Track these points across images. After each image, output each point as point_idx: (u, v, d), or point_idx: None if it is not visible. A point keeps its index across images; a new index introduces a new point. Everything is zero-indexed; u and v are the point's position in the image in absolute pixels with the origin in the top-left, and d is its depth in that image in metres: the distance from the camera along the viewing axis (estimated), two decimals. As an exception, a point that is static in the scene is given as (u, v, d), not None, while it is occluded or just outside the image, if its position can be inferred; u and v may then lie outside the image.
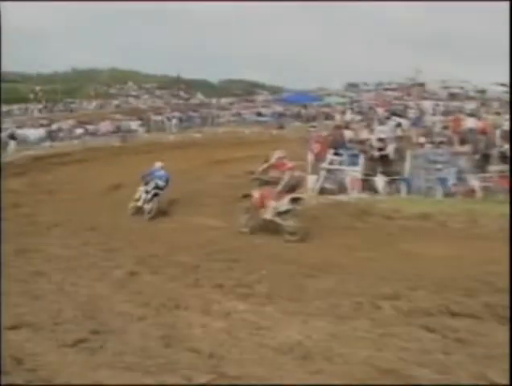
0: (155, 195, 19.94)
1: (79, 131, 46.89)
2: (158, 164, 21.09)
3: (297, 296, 9.44)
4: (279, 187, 15.59)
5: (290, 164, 16.18)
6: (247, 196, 16.42)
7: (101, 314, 8.87)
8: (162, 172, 20.68)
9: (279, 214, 15.46)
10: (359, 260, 12.30)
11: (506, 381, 5.90)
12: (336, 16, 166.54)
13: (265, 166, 16.48)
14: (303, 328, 7.84)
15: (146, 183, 20.36)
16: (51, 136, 45.38)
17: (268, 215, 15.66)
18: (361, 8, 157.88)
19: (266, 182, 16.20)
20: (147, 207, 19.73)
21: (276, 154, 16.49)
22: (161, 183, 20.27)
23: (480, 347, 6.82)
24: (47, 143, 42.68)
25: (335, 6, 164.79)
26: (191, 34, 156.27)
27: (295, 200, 15.51)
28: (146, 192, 20.03)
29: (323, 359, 6.69)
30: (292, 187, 15.77)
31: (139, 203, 20.06)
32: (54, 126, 49.16)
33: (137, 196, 20.34)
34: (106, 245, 14.38)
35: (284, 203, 15.39)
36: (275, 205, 15.51)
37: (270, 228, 15.72)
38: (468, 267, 11.09)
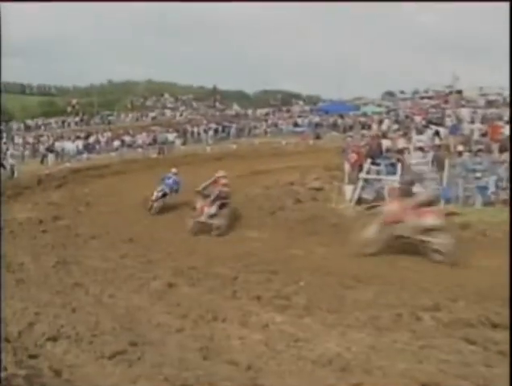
0: (164, 195, 22.32)
1: (116, 143, 47.20)
2: (172, 170, 23.45)
3: (336, 307, 9.38)
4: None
5: (224, 181, 19.10)
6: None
7: (138, 325, 8.91)
8: (170, 180, 22.77)
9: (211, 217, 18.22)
10: (399, 270, 12.22)
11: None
12: (372, 25, 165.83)
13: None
14: (341, 340, 7.80)
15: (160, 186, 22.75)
16: (88, 148, 45.76)
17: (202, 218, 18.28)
18: (397, 16, 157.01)
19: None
20: (155, 204, 22.16)
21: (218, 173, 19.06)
22: (166, 189, 22.44)
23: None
24: (85, 155, 43.01)
25: (371, 15, 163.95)
26: (226, 45, 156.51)
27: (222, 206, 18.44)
28: (157, 192, 22.34)
29: (362, 372, 6.65)
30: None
31: (153, 199, 22.27)
32: (91, 139, 49.70)
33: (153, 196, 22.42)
34: (144, 257, 14.43)
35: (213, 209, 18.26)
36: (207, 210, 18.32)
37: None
38: (509, 277, 10.95)
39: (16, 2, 71.30)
